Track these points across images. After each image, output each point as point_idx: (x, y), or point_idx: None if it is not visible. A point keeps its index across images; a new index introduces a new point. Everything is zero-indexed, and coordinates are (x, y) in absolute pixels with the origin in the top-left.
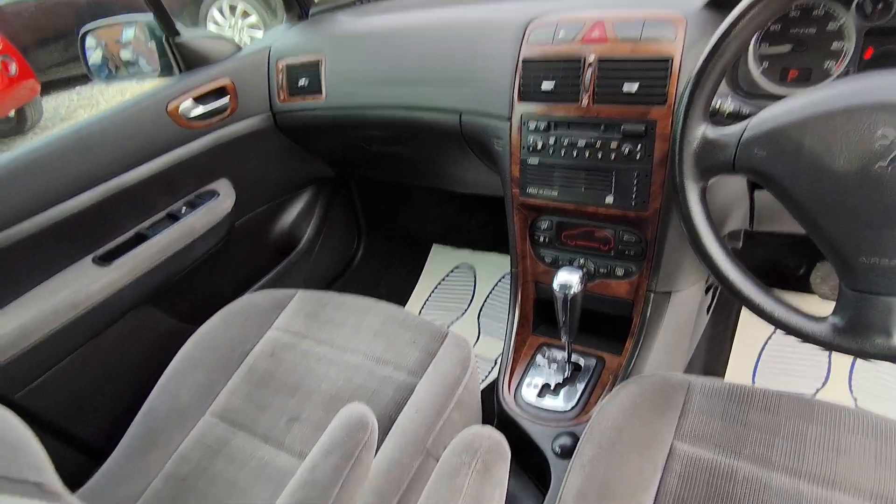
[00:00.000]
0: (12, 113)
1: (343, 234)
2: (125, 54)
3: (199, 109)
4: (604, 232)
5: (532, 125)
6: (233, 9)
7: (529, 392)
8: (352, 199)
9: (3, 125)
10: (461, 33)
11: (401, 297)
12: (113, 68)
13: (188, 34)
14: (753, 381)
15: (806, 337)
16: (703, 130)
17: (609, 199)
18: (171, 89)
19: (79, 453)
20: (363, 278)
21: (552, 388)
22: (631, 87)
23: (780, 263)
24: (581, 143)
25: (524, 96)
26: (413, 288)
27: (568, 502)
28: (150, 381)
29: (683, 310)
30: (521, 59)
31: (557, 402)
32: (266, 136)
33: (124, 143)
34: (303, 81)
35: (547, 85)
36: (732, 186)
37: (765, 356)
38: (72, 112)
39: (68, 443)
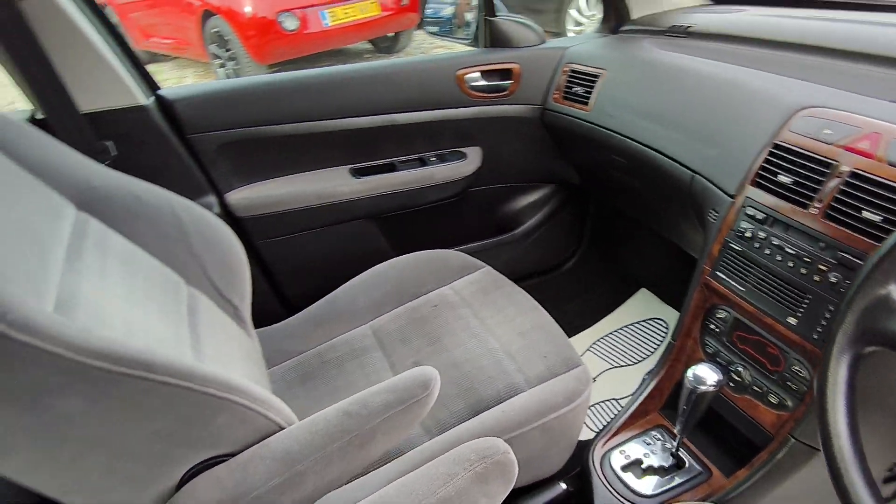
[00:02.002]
0: (393, 34)
1: (561, 240)
2: (468, 17)
3: (482, 82)
4: (777, 351)
5: (751, 212)
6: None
7: (618, 459)
8: (585, 212)
9: (383, 42)
10: (731, 94)
11: (583, 320)
12: (454, 26)
13: (502, 17)
14: None
15: None
16: (890, 289)
17: (792, 321)
18: (466, 59)
19: (275, 302)
20: (560, 287)
21: (642, 467)
22: (873, 216)
23: None
24: (790, 250)
25: (757, 181)
26: (601, 317)
27: None
28: (346, 277)
29: (823, 473)
30: (773, 141)
31: (638, 484)
32: (530, 125)
33: (411, 89)
34: (577, 89)
35: (784, 178)
36: None
37: None
38: (426, 50)
39: (272, 290)
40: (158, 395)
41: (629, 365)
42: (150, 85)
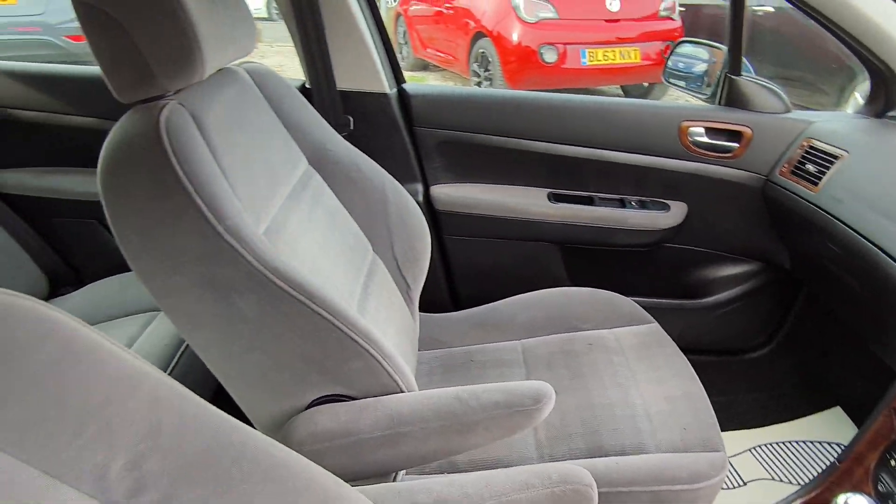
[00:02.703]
0: (646, 84)
1: (754, 324)
2: (717, 75)
3: (705, 139)
4: None
5: None
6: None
7: None
8: (791, 302)
9: (635, 89)
10: None
11: (754, 418)
12: (704, 84)
13: (746, 77)
14: None
15: None
16: None
17: None
18: (694, 112)
19: (445, 294)
20: (737, 374)
21: None
22: None
23: None
24: None
25: None
26: (777, 421)
27: None
28: (514, 291)
29: None
30: None
31: None
32: (748, 194)
33: (628, 130)
34: (810, 166)
35: None
36: None
37: None
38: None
39: (446, 282)
40: (312, 323)
41: (792, 484)
42: (397, 78)
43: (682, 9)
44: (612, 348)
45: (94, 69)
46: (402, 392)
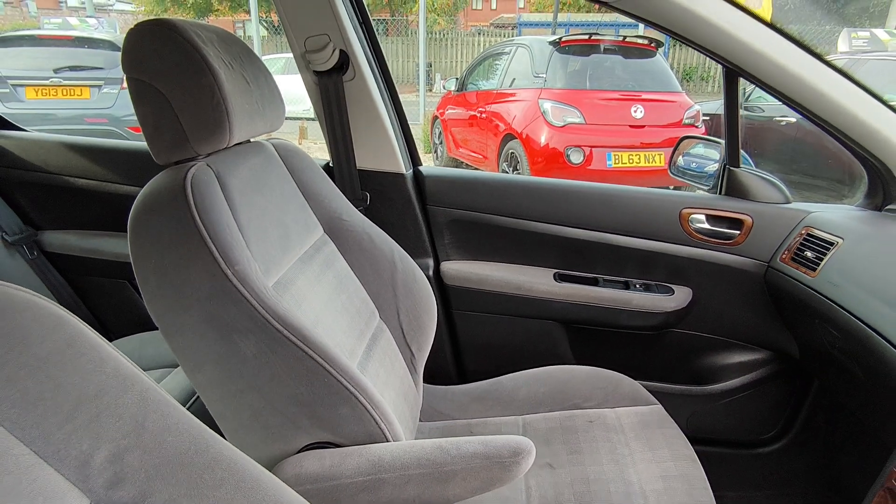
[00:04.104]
0: (671, 187)
1: (763, 416)
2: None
3: (706, 226)
4: None
5: None
6: None
7: None
8: (803, 394)
9: None
10: None
11: None
12: (712, 182)
13: (745, 169)
14: None
15: None
16: None
17: None
18: (695, 199)
19: (451, 367)
20: (746, 469)
21: None
22: None
23: None
24: None
25: None
26: None
27: None
28: (518, 367)
29: None
30: None
31: None
32: (751, 280)
33: (631, 215)
34: (808, 253)
35: None
36: None
37: None
38: None
39: (452, 355)
40: (306, 366)
41: None
42: (413, 160)
43: (707, 118)
44: (611, 426)
45: (138, 144)
46: (388, 441)
